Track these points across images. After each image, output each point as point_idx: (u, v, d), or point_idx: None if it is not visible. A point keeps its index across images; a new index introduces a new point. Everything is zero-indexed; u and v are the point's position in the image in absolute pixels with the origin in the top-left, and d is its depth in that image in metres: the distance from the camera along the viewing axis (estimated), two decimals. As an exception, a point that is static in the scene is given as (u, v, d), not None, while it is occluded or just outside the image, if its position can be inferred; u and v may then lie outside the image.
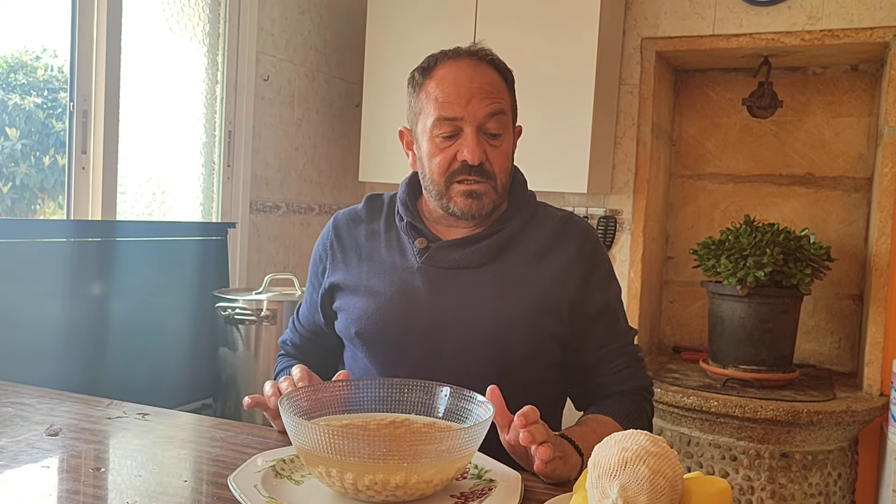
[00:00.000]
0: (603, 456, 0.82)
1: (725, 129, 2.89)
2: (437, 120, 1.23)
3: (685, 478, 0.83)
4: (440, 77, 1.24)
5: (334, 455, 0.87)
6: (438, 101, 1.22)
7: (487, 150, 1.23)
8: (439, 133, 1.23)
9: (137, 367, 2.03)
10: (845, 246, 2.71)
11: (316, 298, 1.40)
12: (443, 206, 1.28)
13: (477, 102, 1.21)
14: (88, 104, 2.02)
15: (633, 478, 0.77)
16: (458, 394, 1.07)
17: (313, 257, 1.42)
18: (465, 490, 0.97)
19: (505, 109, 1.25)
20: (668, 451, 0.81)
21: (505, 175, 1.27)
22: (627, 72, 2.69)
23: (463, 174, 1.23)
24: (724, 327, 2.39)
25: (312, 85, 2.80)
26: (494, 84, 1.24)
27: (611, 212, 2.73)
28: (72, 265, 1.89)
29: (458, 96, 1.21)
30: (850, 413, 2.18)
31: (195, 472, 1.06)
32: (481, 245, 1.27)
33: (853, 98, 2.71)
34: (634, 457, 0.79)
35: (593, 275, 1.29)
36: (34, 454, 1.07)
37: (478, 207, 1.25)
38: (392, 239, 1.33)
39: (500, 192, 1.27)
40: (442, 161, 1.24)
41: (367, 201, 1.40)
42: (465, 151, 1.22)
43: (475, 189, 1.24)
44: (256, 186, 2.56)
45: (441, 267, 1.26)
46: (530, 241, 1.29)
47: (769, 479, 2.23)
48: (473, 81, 1.22)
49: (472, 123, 1.22)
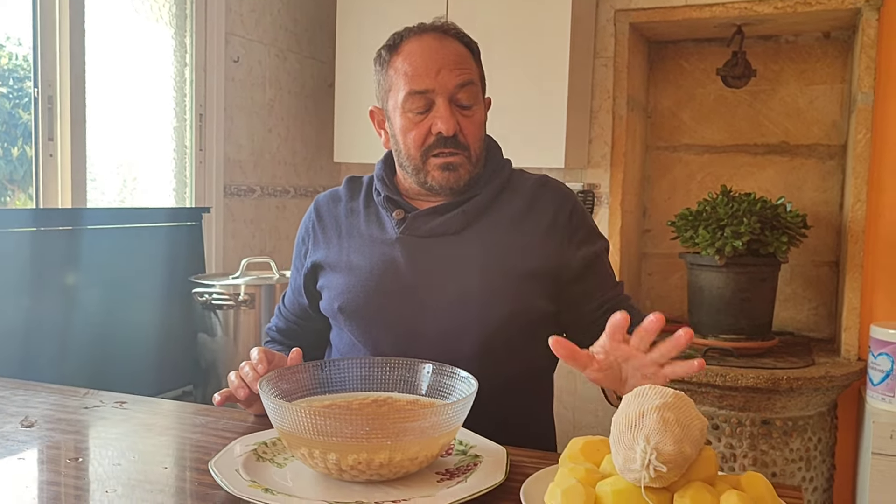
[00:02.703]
0: (621, 413, 0.82)
1: (700, 99, 2.89)
2: (409, 94, 1.23)
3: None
4: (407, 52, 1.24)
5: (316, 436, 0.86)
6: (408, 76, 1.23)
7: (460, 120, 1.24)
8: (412, 108, 1.23)
9: (115, 356, 2.00)
10: (821, 213, 2.73)
11: (300, 281, 1.39)
12: (419, 182, 1.28)
13: (446, 73, 1.22)
14: (53, 90, 1.97)
15: (654, 427, 0.77)
16: (441, 370, 1.06)
17: (297, 241, 1.42)
18: (450, 466, 0.96)
19: (474, 80, 1.26)
20: (685, 400, 0.81)
21: (479, 145, 1.27)
22: (601, 44, 2.68)
23: (438, 147, 1.24)
24: (703, 298, 2.40)
25: (284, 65, 2.75)
26: (461, 55, 1.25)
27: (588, 186, 2.72)
28: (42, 255, 1.86)
29: (427, 69, 1.22)
30: (829, 378, 2.21)
31: (176, 459, 1.05)
32: (457, 212, 1.27)
33: (826, 66, 2.72)
34: (652, 408, 0.79)
35: (576, 234, 1.29)
36: (9, 446, 1.05)
37: (455, 179, 1.25)
38: (371, 214, 1.33)
39: (474, 163, 1.27)
40: (417, 135, 1.24)
41: (347, 182, 1.41)
42: (438, 123, 1.22)
43: (451, 161, 1.24)
44: (230, 170, 2.52)
45: (419, 236, 1.26)
46: (507, 206, 1.29)
47: (751, 446, 2.25)
48: (440, 53, 1.23)
49: (443, 94, 1.22)
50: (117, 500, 0.88)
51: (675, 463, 0.78)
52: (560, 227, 1.28)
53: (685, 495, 0.79)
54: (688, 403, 0.82)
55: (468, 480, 0.90)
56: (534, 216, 1.29)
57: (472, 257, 1.24)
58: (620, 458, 0.80)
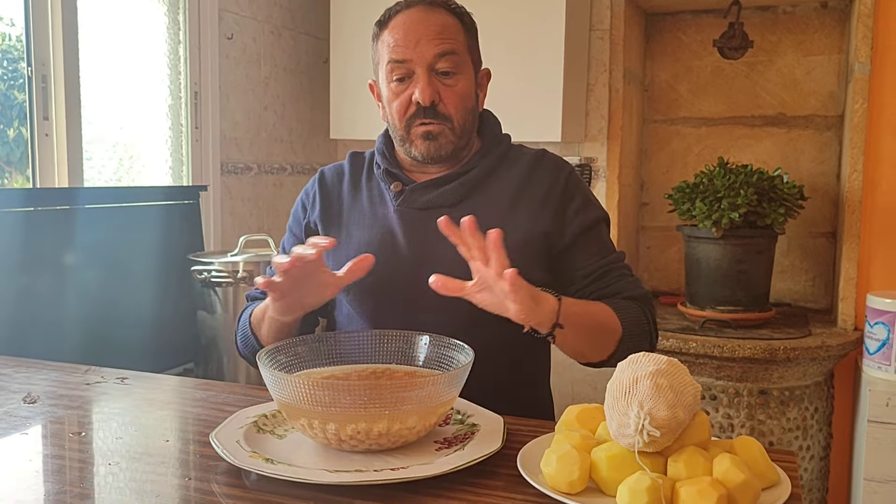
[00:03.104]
0: (614, 381, 0.83)
1: (697, 72, 2.88)
2: (389, 63, 1.25)
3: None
4: (393, 25, 1.26)
5: (315, 406, 0.87)
6: (390, 47, 1.25)
7: (441, 90, 1.25)
8: (393, 77, 1.26)
9: (114, 335, 2.01)
10: (818, 184, 2.74)
11: (295, 245, 1.36)
12: (406, 152, 1.30)
13: (425, 44, 1.23)
14: (47, 69, 1.96)
15: (647, 393, 0.79)
16: (438, 341, 1.07)
17: (295, 208, 1.42)
18: (448, 436, 0.98)
19: (457, 50, 1.26)
20: (678, 366, 0.82)
21: (462, 115, 1.27)
22: (598, 17, 2.66)
23: (419, 117, 1.25)
24: (701, 270, 2.41)
25: (279, 42, 2.74)
26: (446, 26, 1.26)
27: (585, 160, 2.72)
28: (40, 235, 1.86)
29: (407, 40, 1.24)
30: (826, 348, 2.22)
31: (177, 432, 1.06)
32: (454, 184, 1.28)
33: (823, 36, 2.70)
34: (646, 375, 0.80)
35: (570, 205, 1.29)
36: (13, 422, 1.06)
37: (436, 149, 1.26)
38: (373, 189, 1.34)
39: (458, 134, 1.27)
40: (399, 105, 1.26)
41: (351, 156, 1.41)
42: (416, 92, 1.23)
43: (431, 130, 1.25)
44: (226, 148, 2.52)
45: (416, 208, 1.28)
46: (504, 179, 1.30)
47: (748, 416, 2.27)
48: (422, 24, 1.24)
49: (421, 64, 1.23)
50: (120, 472, 0.89)
51: (668, 428, 0.79)
52: (554, 198, 1.29)
53: (679, 459, 0.80)
54: (681, 369, 0.83)
55: (466, 448, 0.91)
56: (530, 189, 1.29)
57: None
58: (615, 423, 0.82)
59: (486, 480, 0.87)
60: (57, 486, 0.86)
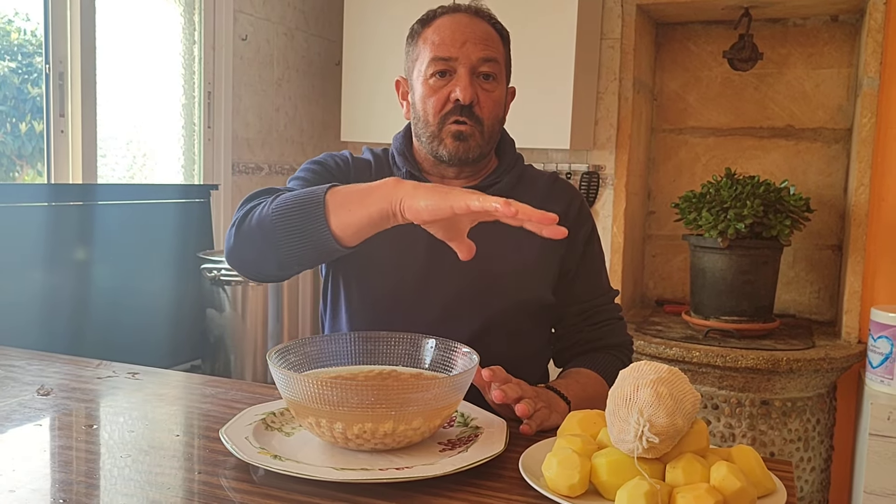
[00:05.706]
0: (617, 388, 0.85)
1: (706, 82, 2.89)
2: (432, 60, 1.25)
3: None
4: (437, 25, 1.28)
5: (323, 406, 0.89)
6: (434, 44, 1.26)
7: (479, 93, 1.26)
8: (433, 72, 1.25)
9: (124, 330, 2.04)
10: (825, 197, 2.75)
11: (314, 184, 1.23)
12: (432, 151, 1.29)
13: (471, 46, 1.24)
14: (64, 66, 1.99)
15: (648, 401, 0.80)
16: (444, 345, 1.09)
17: (323, 161, 1.33)
18: (451, 437, 1.00)
19: (498, 59, 1.28)
20: (678, 375, 0.84)
21: (493, 122, 1.29)
22: (608, 26, 2.68)
23: (455, 114, 1.25)
24: (706, 279, 2.42)
25: (291, 43, 2.76)
26: (490, 35, 1.28)
27: (594, 168, 2.74)
28: (54, 230, 1.89)
29: (454, 39, 1.25)
30: (829, 360, 2.23)
31: (186, 427, 1.08)
32: None
33: (833, 49, 2.72)
34: (646, 383, 0.82)
35: (580, 231, 1.34)
36: (26, 413, 1.09)
37: (465, 150, 1.26)
38: None
39: (486, 139, 1.28)
40: (436, 102, 1.26)
41: (371, 152, 1.38)
42: (457, 90, 1.24)
43: (463, 130, 1.25)
44: (238, 148, 2.55)
45: None
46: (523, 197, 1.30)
47: (750, 426, 2.28)
48: (469, 27, 1.26)
49: (465, 65, 1.25)
50: (130, 464, 0.92)
51: (667, 434, 0.80)
52: (568, 223, 1.29)
53: (677, 466, 0.82)
54: (681, 378, 0.85)
55: (469, 451, 0.93)
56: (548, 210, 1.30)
57: (484, 244, 1.26)
58: (615, 430, 0.83)
59: (488, 482, 0.88)
60: (69, 475, 0.88)
